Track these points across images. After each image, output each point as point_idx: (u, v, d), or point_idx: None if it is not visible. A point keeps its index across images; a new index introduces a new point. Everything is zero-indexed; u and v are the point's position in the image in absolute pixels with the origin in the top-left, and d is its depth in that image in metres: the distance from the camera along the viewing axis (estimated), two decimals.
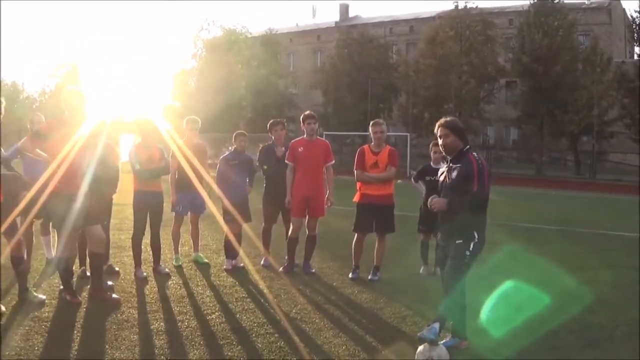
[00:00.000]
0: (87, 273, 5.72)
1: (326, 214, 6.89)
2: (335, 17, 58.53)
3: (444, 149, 4.40)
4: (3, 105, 4.83)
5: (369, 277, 6.42)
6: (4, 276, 5.10)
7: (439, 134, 4.38)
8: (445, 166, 4.45)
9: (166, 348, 4.16)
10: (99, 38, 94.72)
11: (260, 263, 6.94)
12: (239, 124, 38.18)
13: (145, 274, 6.23)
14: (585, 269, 7.23)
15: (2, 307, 4.76)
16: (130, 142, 8.46)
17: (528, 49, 34.12)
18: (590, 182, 27.70)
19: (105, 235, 5.67)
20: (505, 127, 44.55)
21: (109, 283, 5.69)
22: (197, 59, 44.48)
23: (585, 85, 32.04)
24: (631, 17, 39.87)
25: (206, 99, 37.52)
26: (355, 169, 6.47)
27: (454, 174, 4.28)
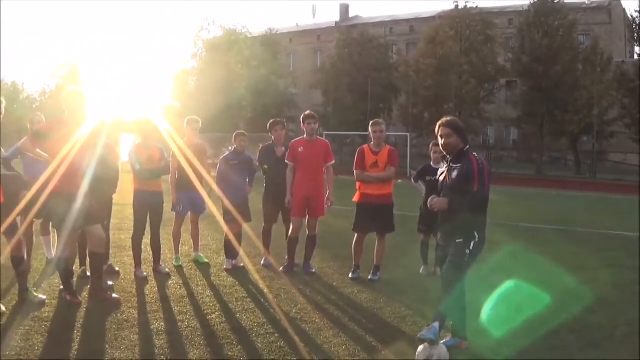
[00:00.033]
0: (87, 273, 5.72)
1: (326, 214, 6.89)
2: (335, 17, 58.64)
3: (445, 149, 4.38)
4: (3, 105, 4.83)
5: (369, 277, 6.42)
6: (4, 276, 5.11)
7: (440, 134, 4.36)
8: (445, 166, 4.45)
9: (166, 348, 4.16)
10: (99, 38, 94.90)
11: (261, 263, 6.94)
12: (239, 124, 38.18)
13: (145, 273, 6.24)
14: (585, 269, 7.22)
15: (2, 307, 4.76)
16: (130, 142, 8.45)
17: (528, 48, 34.14)
18: (591, 182, 27.69)
19: (106, 235, 5.67)
20: (506, 127, 44.54)
21: (109, 283, 5.69)
22: (197, 59, 44.53)
23: (586, 85, 32.07)
24: (631, 17, 39.95)
25: (206, 99, 37.51)
26: (355, 169, 6.46)
27: (454, 173, 4.28)
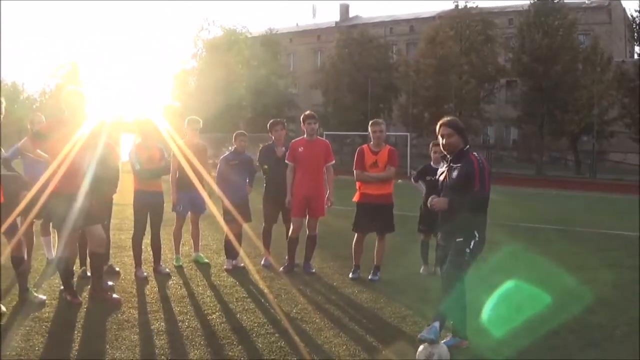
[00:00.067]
0: (88, 273, 5.73)
1: (326, 214, 6.89)
2: (335, 17, 58.62)
3: (445, 149, 4.38)
4: (3, 105, 4.83)
5: (369, 277, 6.42)
6: (4, 276, 5.10)
7: (441, 133, 4.36)
8: (446, 166, 4.45)
9: (167, 348, 4.16)
10: (99, 38, 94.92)
11: (261, 263, 6.95)
12: (239, 124, 38.19)
13: (145, 274, 6.24)
14: (585, 268, 7.22)
15: (3, 308, 4.76)
16: (131, 142, 8.46)
17: (528, 48, 34.13)
18: (591, 182, 27.68)
19: (106, 235, 5.67)
20: (506, 127, 44.54)
21: (109, 283, 5.70)
22: (197, 59, 44.51)
23: (586, 85, 32.05)
24: (631, 16, 39.98)
25: (206, 99, 37.51)
26: (355, 169, 6.46)
27: (455, 173, 4.28)
